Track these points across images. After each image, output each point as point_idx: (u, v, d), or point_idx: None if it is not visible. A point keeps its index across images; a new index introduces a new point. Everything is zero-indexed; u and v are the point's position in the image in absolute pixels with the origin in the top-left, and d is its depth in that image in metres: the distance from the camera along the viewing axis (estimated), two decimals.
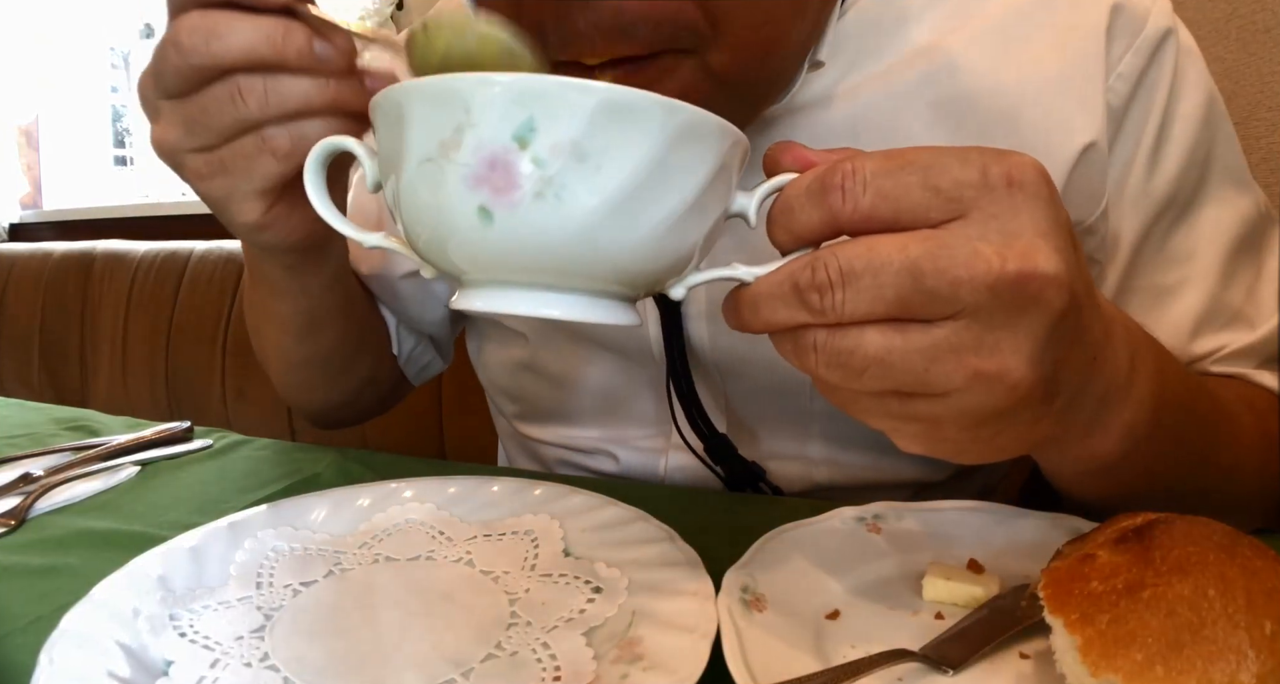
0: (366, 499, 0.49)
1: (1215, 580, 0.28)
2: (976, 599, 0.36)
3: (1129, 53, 0.49)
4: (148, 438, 0.65)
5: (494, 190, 0.27)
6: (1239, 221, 0.52)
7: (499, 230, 0.27)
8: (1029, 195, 0.28)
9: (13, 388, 1.72)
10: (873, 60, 0.51)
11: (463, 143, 0.27)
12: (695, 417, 0.57)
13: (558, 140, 0.26)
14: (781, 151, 0.31)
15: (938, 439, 0.31)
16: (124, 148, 2.62)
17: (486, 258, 0.29)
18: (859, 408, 0.31)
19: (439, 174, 0.27)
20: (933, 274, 0.27)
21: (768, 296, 0.29)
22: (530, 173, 0.26)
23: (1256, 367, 0.52)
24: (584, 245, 0.28)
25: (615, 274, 0.29)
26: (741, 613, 0.34)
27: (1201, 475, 0.44)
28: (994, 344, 0.28)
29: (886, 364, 0.28)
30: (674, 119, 0.27)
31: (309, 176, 0.34)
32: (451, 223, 0.28)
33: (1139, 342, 0.37)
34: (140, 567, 0.40)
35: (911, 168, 0.28)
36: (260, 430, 0.75)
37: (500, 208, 0.27)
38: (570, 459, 0.66)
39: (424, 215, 0.29)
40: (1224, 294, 0.52)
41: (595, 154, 0.26)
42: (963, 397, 0.29)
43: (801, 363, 0.30)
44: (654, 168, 0.27)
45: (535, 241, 0.27)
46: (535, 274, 0.29)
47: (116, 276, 1.61)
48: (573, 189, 0.27)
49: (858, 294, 0.27)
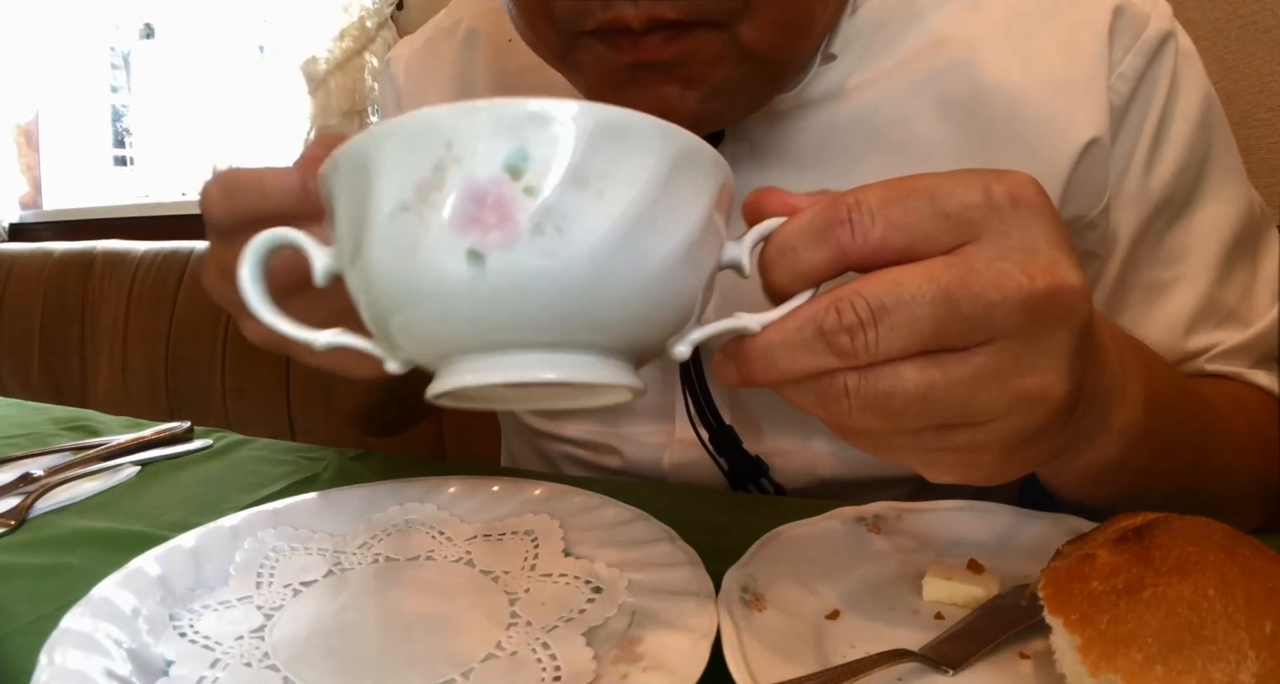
0: (366, 499, 0.49)
1: (1215, 580, 0.28)
2: (976, 599, 0.36)
3: (1130, 53, 0.50)
4: (148, 438, 0.65)
5: (485, 230, 0.23)
6: (1235, 221, 0.53)
7: (493, 277, 0.24)
8: (1034, 211, 0.27)
9: (13, 388, 1.72)
10: (883, 56, 0.52)
11: (445, 181, 0.24)
12: (704, 406, 0.57)
13: (554, 167, 0.24)
14: (763, 198, 0.29)
15: (973, 466, 0.30)
16: (124, 148, 2.62)
17: (476, 316, 0.25)
18: (892, 448, 0.30)
19: (418, 223, 0.24)
20: (967, 300, 0.26)
21: (785, 345, 0.27)
22: (526, 205, 0.23)
23: (1250, 365, 0.53)
24: (593, 284, 0.24)
25: (622, 322, 0.26)
26: (741, 613, 0.34)
27: (1196, 477, 0.44)
28: (1032, 363, 0.27)
29: (929, 400, 0.27)
30: (673, 144, 0.25)
31: (244, 276, 0.28)
32: (435, 279, 0.24)
33: (1121, 341, 0.37)
34: (140, 567, 0.40)
35: (916, 195, 0.27)
36: (260, 430, 0.76)
37: (494, 249, 0.24)
38: (575, 454, 0.66)
39: (398, 280, 0.25)
40: (1219, 292, 0.53)
41: (596, 179, 0.24)
42: (1006, 421, 0.28)
43: (830, 411, 0.28)
44: (659, 192, 0.25)
45: (536, 285, 0.24)
46: (532, 330, 0.25)
47: (116, 276, 1.61)
48: (575, 219, 0.24)
49: (892, 331, 0.26)
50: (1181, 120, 0.51)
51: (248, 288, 0.28)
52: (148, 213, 2.13)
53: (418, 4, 1.66)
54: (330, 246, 0.28)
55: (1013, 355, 0.27)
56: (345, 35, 1.66)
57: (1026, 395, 0.27)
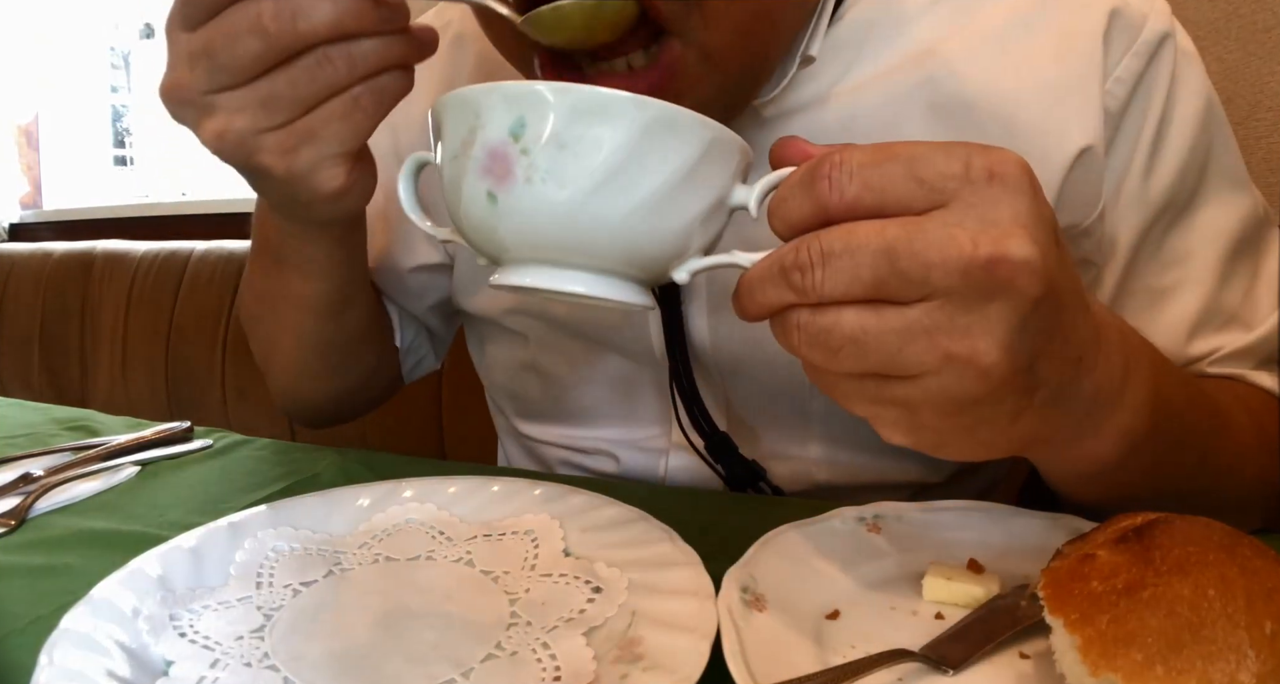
0: (366, 499, 0.49)
1: (1215, 580, 0.28)
2: (976, 599, 0.36)
3: (1127, 56, 0.49)
4: (148, 438, 0.65)
5: (495, 178, 0.32)
6: (1236, 224, 0.52)
7: (502, 211, 0.32)
8: (1010, 188, 0.28)
9: (13, 388, 1.72)
10: (870, 62, 0.52)
11: (475, 141, 0.32)
12: (697, 415, 0.57)
13: (541, 133, 0.31)
14: (784, 146, 0.32)
15: (916, 426, 0.32)
16: (124, 148, 2.62)
17: (502, 237, 0.33)
18: (840, 391, 0.32)
19: (461, 168, 0.33)
20: (906, 256, 0.28)
21: (759, 279, 0.31)
22: (521, 161, 0.31)
23: (1253, 367, 0.53)
24: (571, 222, 0.31)
25: (611, 251, 0.33)
26: (741, 613, 0.34)
27: (1199, 478, 0.44)
28: (965, 327, 0.28)
29: (861, 343, 0.29)
30: (644, 113, 0.30)
31: (403, 185, 0.38)
32: (471, 209, 0.33)
33: (1134, 347, 0.37)
34: (140, 567, 0.40)
35: (897, 160, 0.29)
36: (260, 430, 0.75)
37: (501, 192, 0.32)
38: (571, 459, 0.66)
39: (456, 204, 0.34)
40: (1221, 296, 0.52)
41: (573, 143, 0.30)
42: (936, 379, 0.29)
43: (786, 342, 0.31)
44: (627, 155, 0.30)
45: (532, 220, 0.32)
46: (544, 251, 0.33)
47: (116, 276, 1.61)
48: (555, 174, 0.31)
49: (836, 274, 0.29)
50: (1181, 122, 0.51)
51: (405, 194, 0.38)
52: (148, 213, 2.13)
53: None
54: None
55: (946, 315, 0.28)
56: None
57: (955, 357, 0.29)
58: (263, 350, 0.66)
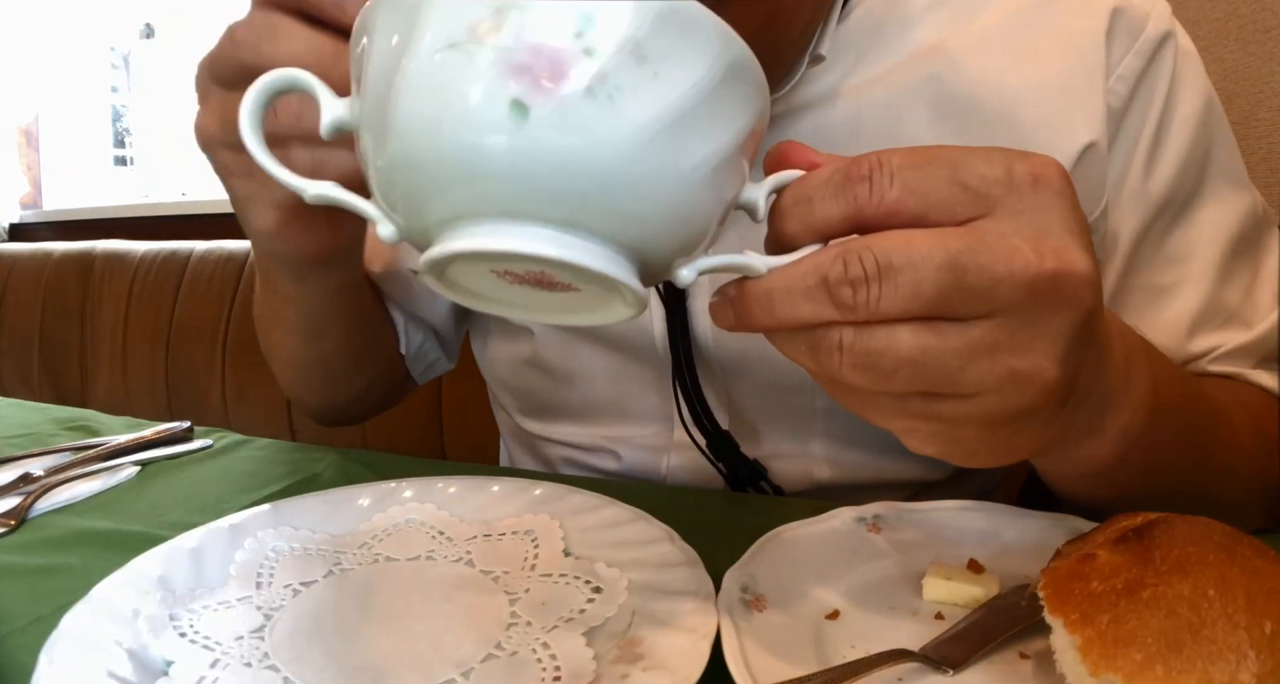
0: (366, 499, 0.49)
1: (1215, 580, 0.28)
2: (976, 599, 0.36)
3: (1129, 55, 0.50)
4: (148, 438, 0.65)
5: (535, 81, 0.22)
6: (1236, 222, 0.53)
7: (532, 132, 0.23)
8: (1054, 193, 0.27)
9: (13, 388, 1.72)
10: (877, 60, 0.52)
11: (504, 25, 0.23)
12: (699, 413, 0.57)
13: (618, 35, 0.23)
14: (788, 150, 0.30)
15: (954, 440, 0.30)
16: (124, 148, 2.62)
17: (501, 172, 0.23)
18: (877, 409, 0.30)
19: (465, 61, 0.23)
20: (974, 270, 0.26)
21: (787, 291, 0.27)
22: (584, 64, 0.23)
23: (1253, 366, 0.53)
24: (627, 164, 0.24)
25: (642, 218, 0.25)
26: (741, 613, 0.34)
27: (1198, 477, 0.44)
28: (1028, 343, 0.27)
29: (920, 365, 0.27)
30: (731, 49, 0.25)
31: (245, 112, 0.28)
32: (470, 123, 0.23)
33: (1133, 344, 0.37)
34: (140, 567, 0.40)
35: (938, 163, 0.27)
36: (260, 430, 0.75)
37: (540, 103, 0.23)
38: (573, 456, 0.66)
39: (429, 121, 0.23)
40: (1220, 294, 0.52)
41: (654, 59, 0.23)
42: (993, 397, 0.28)
43: (821, 363, 0.28)
44: (708, 93, 0.24)
45: (573, 151, 0.23)
46: (553, 200, 0.24)
47: (116, 276, 1.61)
48: (629, 91, 0.23)
49: (895, 290, 0.26)
50: (1181, 121, 0.51)
51: (246, 124, 0.28)
52: (148, 213, 2.13)
53: None
54: (346, 98, 0.27)
55: (1009, 332, 0.27)
56: None
57: (1018, 374, 0.27)
58: (266, 356, 0.66)
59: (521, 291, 0.28)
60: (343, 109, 0.28)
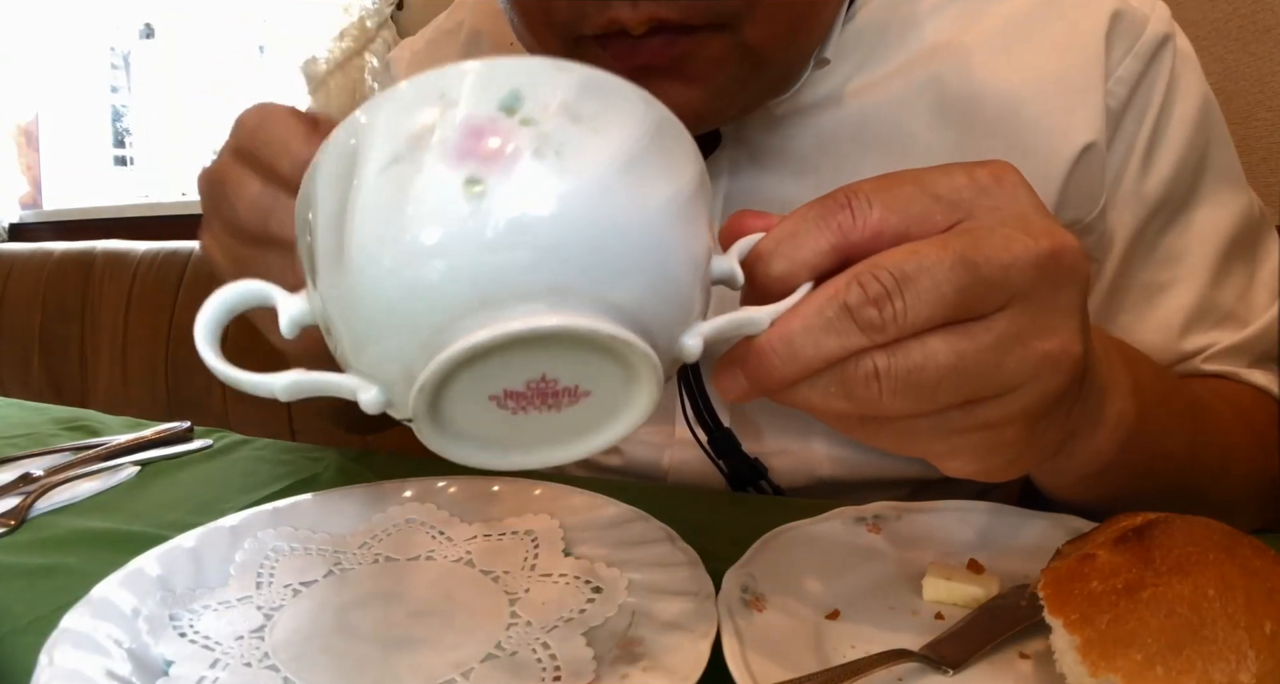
0: (366, 499, 0.49)
1: (1215, 580, 0.28)
2: (976, 599, 0.36)
3: (1128, 57, 0.51)
4: (148, 438, 0.65)
5: (484, 157, 0.23)
6: (1232, 223, 0.53)
7: (493, 203, 0.23)
8: (1017, 185, 0.28)
9: (13, 388, 1.72)
10: (881, 62, 0.53)
11: (439, 125, 0.24)
12: (701, 409, 0.57)
13: (548, 103, 0.24)
14: (742, 218, 0.29)
15: (996, 448, 0.29)
16: (124, 148, 2.62)
17: (474, 255, 0.23)
18: (917, 436, 0.29)
19: (412, 167, 0.23)
20: (984, 262, 0.26)
21: (806, 330, 0.26)
22: (524, 132, 0.23)
23: (1247, 365, 0.53)
24: (594, 211, 0.23)
25: (624, 271, 0.24)
26: (741, 613, 0.34)
27: (1191, 475, 0.45)
28: (1049, 323, 0.27)
29: (959, 371, 0.26)
30: (654, 108, 0.26)
31: (201, 336, 0.28)
32: (431, 214, 0.23)
33: (1100, 334, 0.37)
34: (140, 567, 0.40)
35: (905, 182, 0.28)
36: (260, 430, 0.75)
37: (494, 173, 0.23)
38: None
39: (388, 230, 0.23)
40: (1215, 293, 0.53)
41: (589, 117, 0.24)
42: (1032, 386, 0.27)
43: (858, 397, 0.27)
44: (650, 140, 0.25)
45: (538, 209, 0.23)
46: (532, 268, 0.23)
47: (116, 276, 1.61)
48: (574, 146, 0.24)
49: (918, 298, 0.25)
50: (1178, 123, 0.52)
51: (204, 343, 0.28)
52: (148, 213, 2.13)
53: (418, 4, 1.66)
54: (299, 292, 0.27)
55: (1030, 317, 0.27)
56: (345, 35, 1.66)
57: (1050, 356, 0.27)
58: None
59: (527, 423, 0.26)
60: (301, 302, 0.28)
